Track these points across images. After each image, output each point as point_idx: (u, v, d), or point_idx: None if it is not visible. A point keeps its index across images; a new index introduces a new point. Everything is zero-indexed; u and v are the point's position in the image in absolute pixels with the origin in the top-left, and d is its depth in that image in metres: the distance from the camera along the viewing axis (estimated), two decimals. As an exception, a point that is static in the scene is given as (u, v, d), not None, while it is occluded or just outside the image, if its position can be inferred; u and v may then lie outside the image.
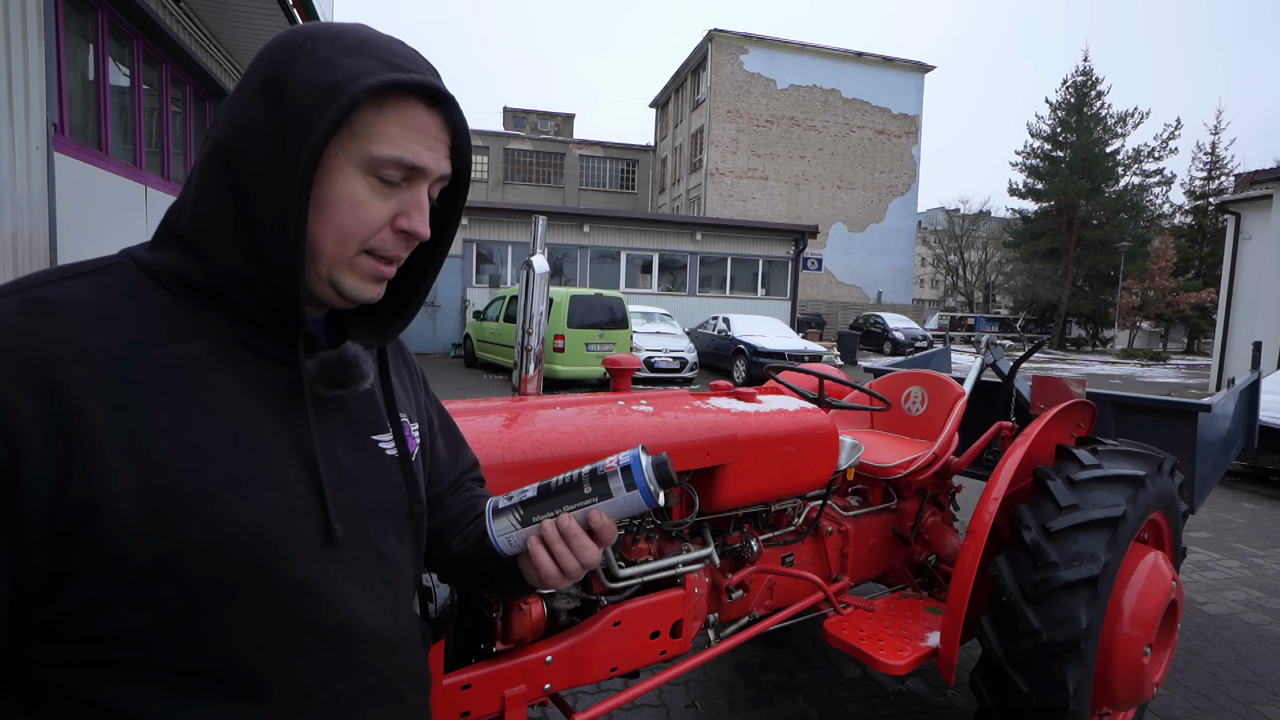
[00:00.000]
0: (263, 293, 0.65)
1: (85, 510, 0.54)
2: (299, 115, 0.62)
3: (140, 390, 0.58)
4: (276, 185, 0.62)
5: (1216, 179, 35.76)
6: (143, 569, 0.56)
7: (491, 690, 1.52)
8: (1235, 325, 14.66)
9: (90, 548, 0.55)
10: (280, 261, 0.63)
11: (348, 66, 0.64)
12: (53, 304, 0.58)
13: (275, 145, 0.63)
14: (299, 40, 0.66)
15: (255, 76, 0.65)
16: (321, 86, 0.63)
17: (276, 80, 0.64)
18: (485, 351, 13.99)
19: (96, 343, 0.58)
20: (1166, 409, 3.05)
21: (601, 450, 1.63)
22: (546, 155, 40.44)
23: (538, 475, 1.52)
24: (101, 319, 0.60)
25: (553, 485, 0.78)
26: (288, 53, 0.65)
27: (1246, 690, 3.09)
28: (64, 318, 0.58)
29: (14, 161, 3.35)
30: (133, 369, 0.59)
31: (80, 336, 0.58)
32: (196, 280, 0.64)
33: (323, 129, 0.62)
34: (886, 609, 2.59)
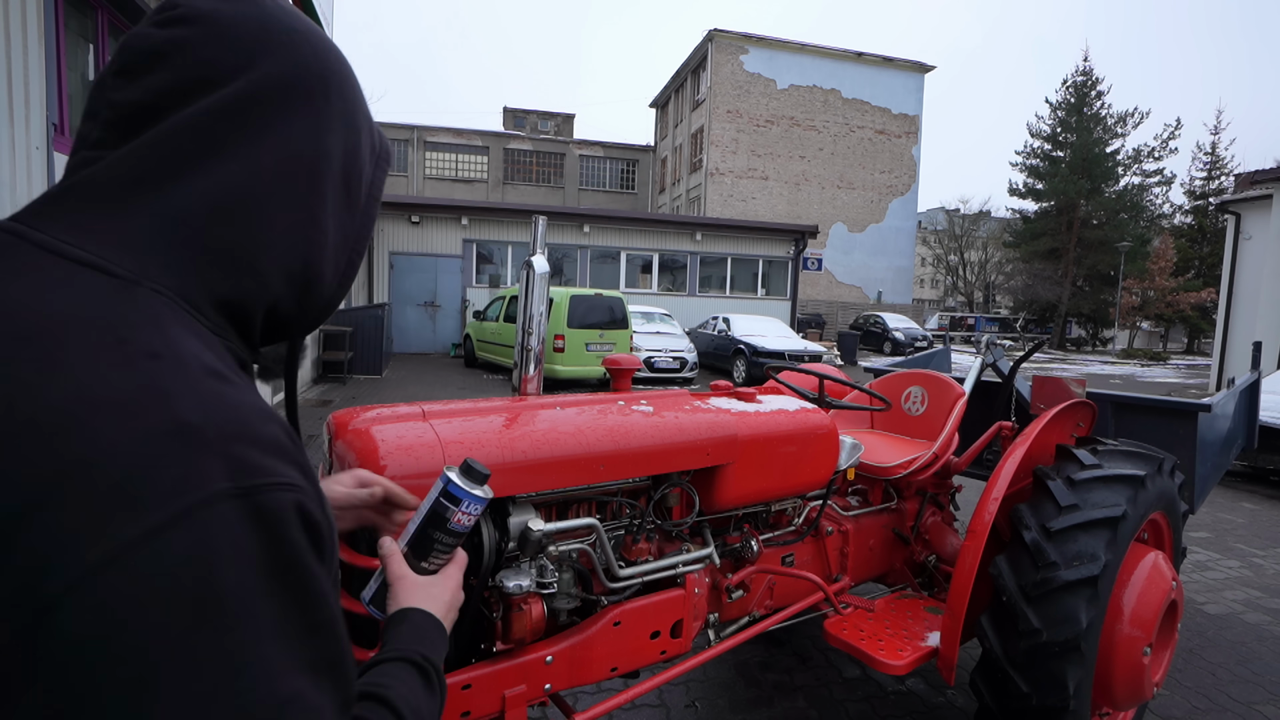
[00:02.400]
0: (285, 311, 0.67)
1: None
2: (363, 175, 0.69)
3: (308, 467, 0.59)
4: (346, 230, 0.69)
5: (1216, 179, 35.79)
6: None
7: (491, 690, 1.52)
8: (1235, 325, 14.66)
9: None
10: (332, 295, 0.69)
11: (374, 128, 0.71)
12: (229, 383, 0.53)
13: (344, 192, 0.67)
14: (349, 71, 0.67)
15: (332, 107, 0.64)
16: (372, 147, 0.70)
17: (349, 121, 0.66)
18: (485, 351, 13.99)
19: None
20: (1166, 409, 3.05)
21: (602, 451, 1.63)
22: (546, 155, 40.44)
23: (538, 475, 1.53)
24: (248, 389, 0.56)
25: (407, 550, 0.88)
26: (349, 86, 0.66)
27: (1246, 690, 3.09)
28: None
29: (14, 161, 3.35)
30: (296, 443, 0.58)
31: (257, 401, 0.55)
32: (231, 299, 0.61)
33: (380, 191, 0.71)
34: (886, 609, 2.59)
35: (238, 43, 0.57)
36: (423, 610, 0.80)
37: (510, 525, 1.55)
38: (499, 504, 1.59)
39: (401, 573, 0.85)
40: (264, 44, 0.58)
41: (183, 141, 0.54)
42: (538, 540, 1.54)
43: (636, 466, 1.71)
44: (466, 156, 39.22)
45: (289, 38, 0.60)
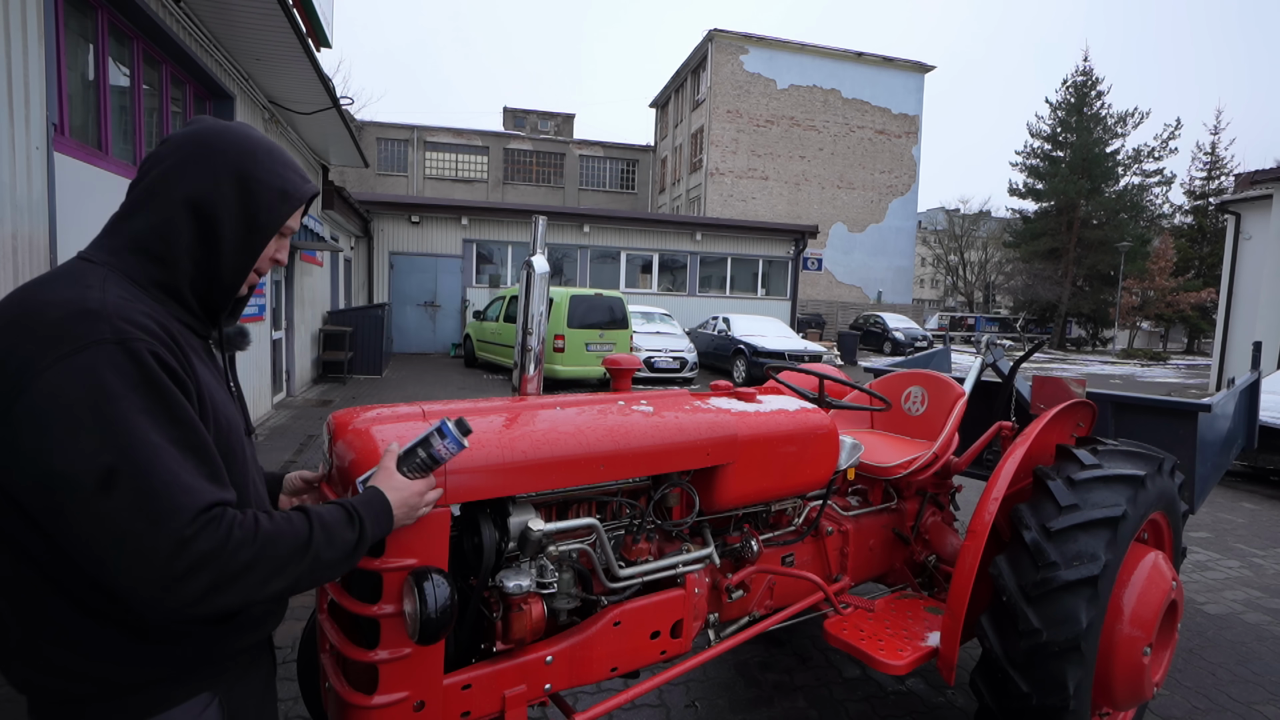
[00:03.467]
0: (199, 292, 1.05)
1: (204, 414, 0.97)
2: (267, 206, 1.07)
3: (186, 350, 0.97)
4: (241, 245, 1.05)
5: (1216, 179, 35.76)
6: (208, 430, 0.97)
7: (492, 690, 1.52)
8: (1235, 325, 14.66)
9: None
10: (229, 284, 1.07)
11: (287, 177, 1.10)
12: (135, 302, 0.94)
13: (242, 218, 1.04)
14: (250, 146, 1.06)
15: (223, 166, 1.03)
16: (279, 190, 1.08)
17: (243, 176, 1.04)
18: (485, 351, 13.99)
19: (165, 320, 0.96)
20: (1166, 409, 3.05)
21: (602, 451, 1.63)
22: (546, 155, 40.41)
23: (538, 475, 1.53)
24: (147, 308, 0.95)
25: (400, 455, 1.21)
26: (246, 154, 1.05)
27: (1246, 690, 3.09)
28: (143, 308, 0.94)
29: (14, 161, 3.34)
30: (175, 333, 0.96)
31: (157, 315, 0.95)
32: (164, 281, 1.01)
33: (278, 220, 1.09)
34: (886, 609, 2.59)
35: (174, 144, 1.04)
36: (380, 491, 1.14)
37: (510, 525, 1.55)
38: (499, 504, 1.59)
39: (386, 465, 1.19)
40: (187, 142, 1.04)
41: (141, 193, 1.02)
42: (538, 540, 1.54)
43: (636, 466, 1.71)
44: (466, 156, 39.19)
45: (203, 136, 1.04)
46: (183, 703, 0.98)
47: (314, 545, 0.95)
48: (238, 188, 1.03)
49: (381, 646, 1.33)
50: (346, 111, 9.06)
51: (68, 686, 0.92)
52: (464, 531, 1.58)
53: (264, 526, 0.90)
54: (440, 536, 1.38)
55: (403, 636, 1.33)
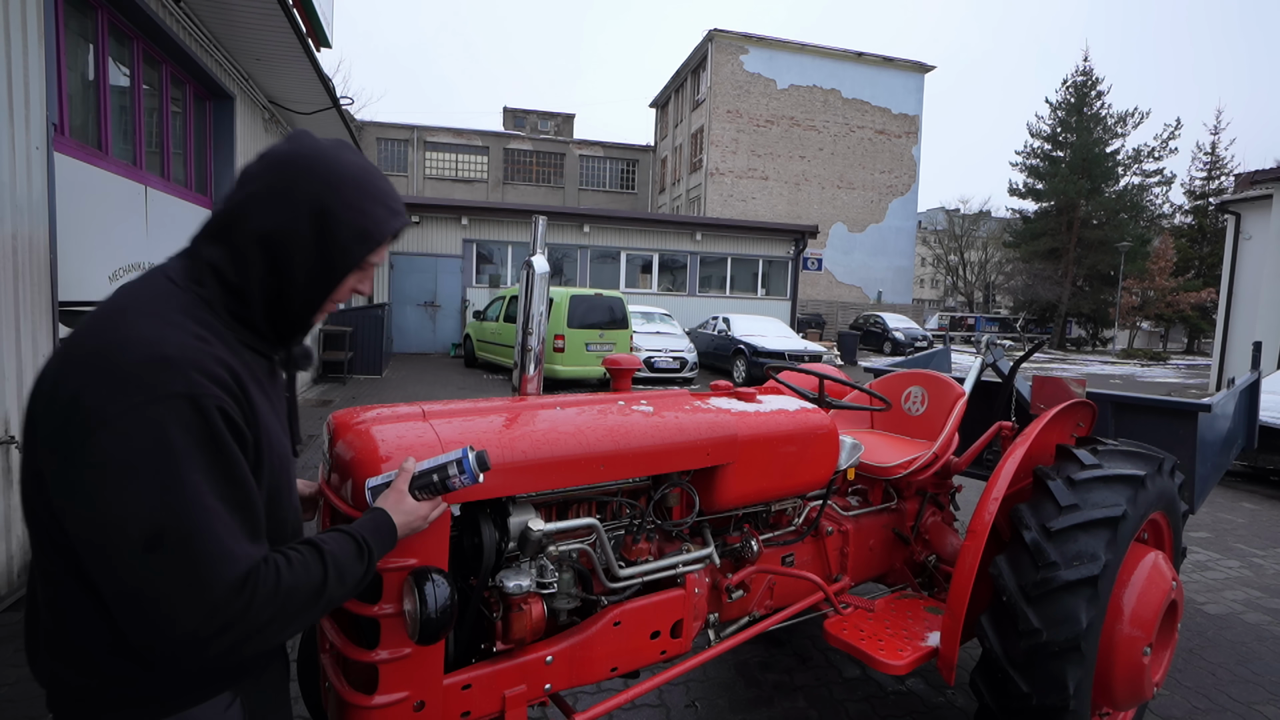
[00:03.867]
0: (271, 320, 1.04)
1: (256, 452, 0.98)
2: (341, 247, 1.04)
3: (250, 389, 0.97)
4: (313, 282, 1.04)
5: (1216, 179, 35.76)
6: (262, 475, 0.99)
7: (492, 690, 1.52)
8: (1235, 325, 14.65)
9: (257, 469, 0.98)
10: (300, 316, 1.07)
11: (372, 214, 1.05)
12: (210, 346, 0.93)
13: (316, 256, 1.02)
14: (336, 180, 1.02)
15: (302, 200, 1.00)
16: (358, 230, 1.04)
17: (322, 211, 1.01)
18: (485, 351, 13.99)
19: (233, 361, 0.96)
20: (1166, 409, 3.05)
21: (602, 451, 1.63)
22: (546, 155, 40.41)
23: (538, 475, 1.53)
24: (225, 344, 0.96)
25: (414, 476, 1.21)
26: (330, 189, 1.02)
27: (1246, 690, 3.09)
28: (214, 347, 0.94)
29: (14, 161, 3.34)
30: (242, 376, 0.96)
31: (227, 359, 0.95)
32: (237, 310, 1.01)
33: (355, 259, 1.06)
34: (886, 609, 2.59)
35: (266, 164, 1.02)
36: (386, 513, 1.13)
37: (510, 525, 1.55)
38: (499, 504, 1.59)
39: (399, 486, 1.18)
40: (278, 164, 1.02)
41: (226, 216, 1.02)
42: (538, 540, 1.54)
43: (636, 466, 1.71)
44: (466, 156, 39.19)
45: (294, 159, 1.02)
46: (205, 702, 0.99)
47: (328, 587, 0.96)
48: (315, 225, 1.01)
49: (381, 646, 1.33)
50: (346, 111, 9.06)
51: (91, 683, 0.93)
52: (464, 531, 1.58)
53: (284, 581, 0.90)
54: (440, 536, 1.38)
55: (403, 636, 1.33)
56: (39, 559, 0.94)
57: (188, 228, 5.98)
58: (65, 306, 3.83)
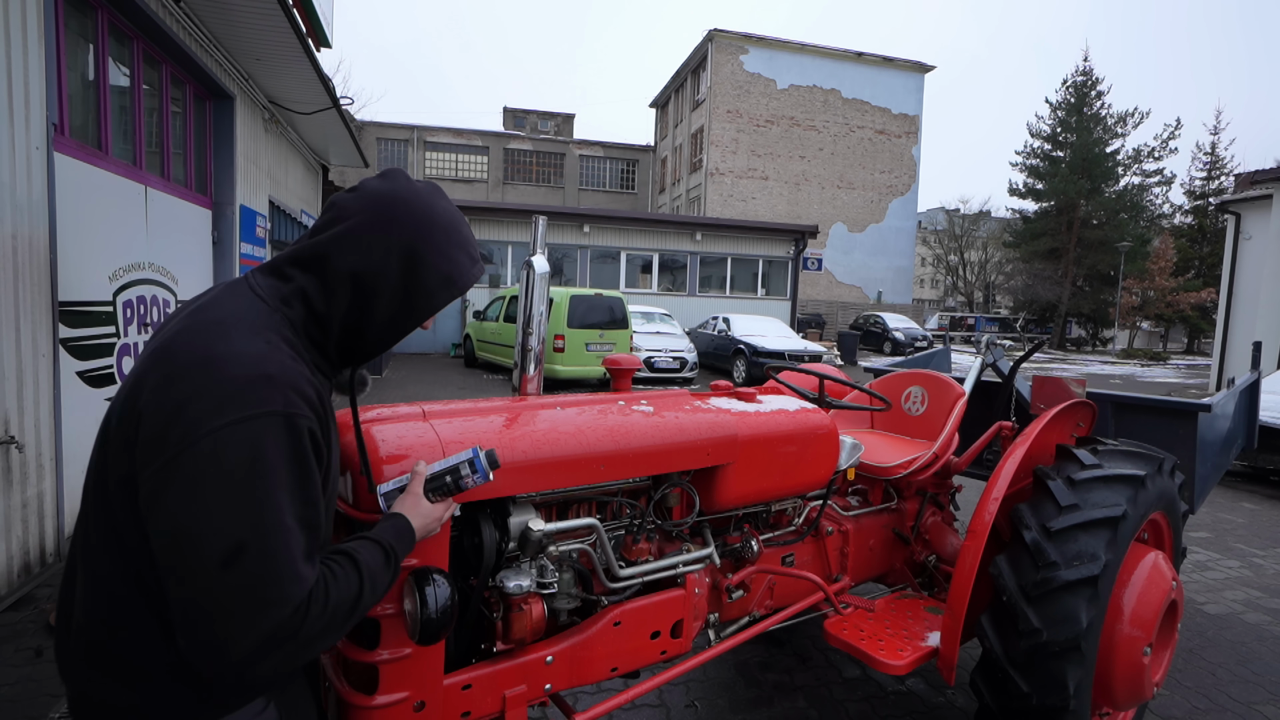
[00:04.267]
0: (343, 348, 1.08)
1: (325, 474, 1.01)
2: (427, 291, 1.08)
3: (328, 410, 1.03)
4: (393, 321, 1.08)
5: (1216, 179, 35.76)
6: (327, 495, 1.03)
7: (492, 690, 1.52)
8: (1235, 325, 14.65)
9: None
10: (371, 350, 1.10)
11: (459, 262, 1.11)
12: (300, 366, 0.97)
13: (400, 297, 1.06)
14: (429, 226, 1.07)
15: (396, 243, 1.04)
16: (444, 276, 1.09)
17: (413, 255, 1.05)
18: (485, 351, 13.98)
19: (316, 382, 1.00)
20: (1166, 409, 3.05)
21: (603, 451, 1.63)
22: (546, 155, 40.41)
23: (539, 475, 1.53)
24: (308, 371, 0.99)
25: (427, 478, 1.23)
26: (423, 234, 1.06)
27: (1246, 690, 3.09)
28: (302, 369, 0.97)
29: (14, 161, 3.34)
30: (324, 397, 1.02)
31: (314, 380, 0.99)
32: (318, 340, 1.05)
33: (438, 305, 1.11)
34: (886, 609, 2.59)
35: (362, 200, 1.05)
36: (405, 518, 1.15)
37: (510, 525, 1.55)
38: (499, 504, 1.59)
39: (415, 490, 1.20)
40: (374, 201, 1.05)
41: (320, 248, 1.04)
42: (538, 540, 1.54)
43: (637, 466, 1.71)
44: (466, 156, 39.20)
45: (390, 199, 1.05)
46: (241, 709, 1.00)
47: (363, 598, 0.98)
48: (404, 267, 1.05)
49: (382, 647, 1.33)
50: (346, 111, 9.06)
51: (135, 699, 0.93)
52: (464, 531, 1.58)
53: (333, 597, 0.91)
54: (440, 537, 1.38)
55: (403, 637, 1.33)
56: (96, 568, 0.94)
57: (188, 227, 6.00)
58: (65, 306, 3.83)
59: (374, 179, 1.08)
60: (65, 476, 3.76)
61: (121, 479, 0.90)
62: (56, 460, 3.71)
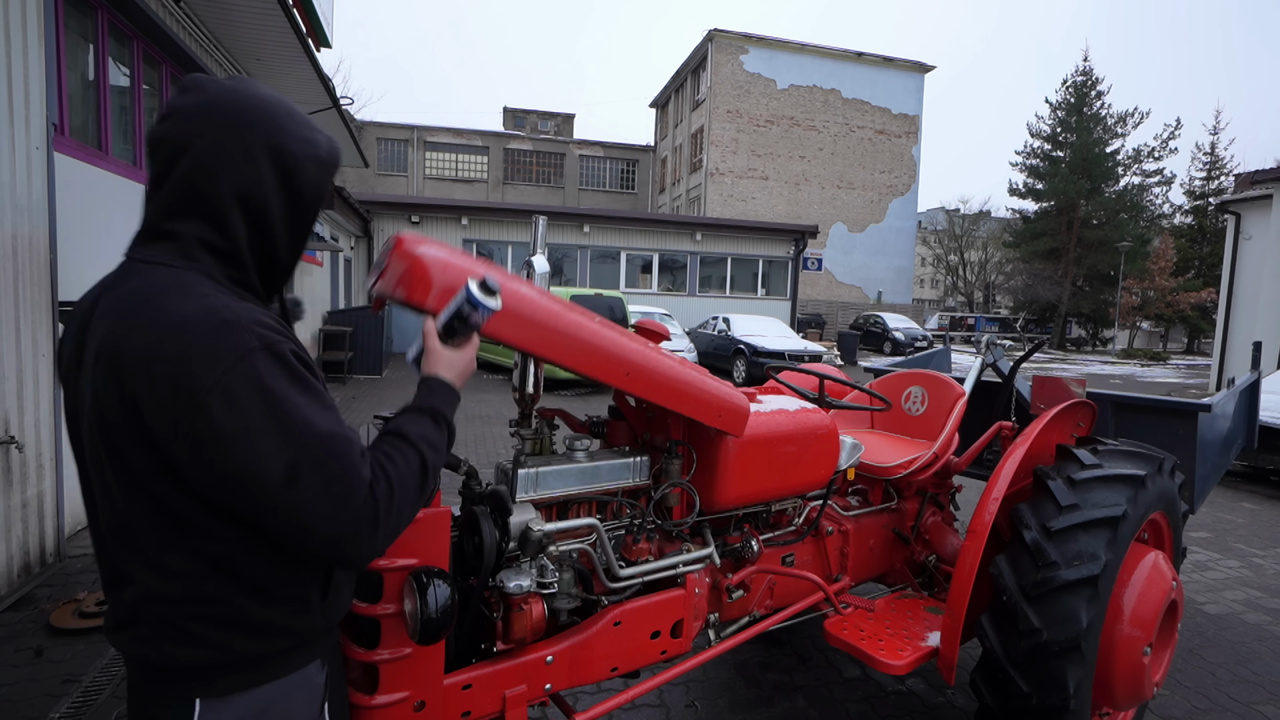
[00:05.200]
0: (264, 278, 1.05)
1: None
2: (309, 181, 1.04)
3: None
4: (293, 226, 1.05)
5: (1216, 179, 35.76)
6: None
7: (492, 690, 1.52)
8: (1235, 325, 14.65)
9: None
10: (287, 264, 1.07)
11: (318, 142, 1.05)
12: (247, 303, 0.97)
13: (288, 199, 1.02)
14: (272, 117, 1.00)
15: (261, 149, 0.98)
16: (314, 159, 1.04)
17: (276, 151, 0.99)
18: (485, 351, 13.96)
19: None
20: (1166, 409, 3.05)
21: (631, 360, 1.59)
22: (546, 155, 40.41)
23: (571, 350, 1.48)
24: (256, 304, 0.99)
25: (441, 330, 1.20)
26: (273, 128, 0.99)
27: (1246, 690, 3.09)
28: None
29: (14, 161, 3.34)
30: (290, 330, 1.02)
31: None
32: (240, 278, 1.01)
33: (325, 191, 1.07)
34: (887, 609, 2.59)
35: (187, 123, 0.96)
36: (439, 377, 1.16)
37: (511, 525, 1.55)
38: (499, 504, 1.59)
39: (433, 346, 1.19)
40: (202, 119, 0.96)
41: (182, 194, 0.97)
42: (538, 540, 1.54)
43: (658, 390, 1.64)
44: (466, 156, 39.19)
45: (217, 109, 0.97)
46: (304, 667, 1.04)
47: (428, 463, 1.05)
48: (276, 168, 0.99)
49: (382, 646, 1.33)
50: (346, 111, 9.06)
51: (204, 654, 0.96)
52: (464, 531, 1.58)
53: (393, 473, 0.98)
54: (441, 536, 1.38)
55: (403, 636, 1.33)
56: (155, 558, 0.95)
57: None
58: (65, 306, 3.83)
59: (180, 98, 0.98)
60: (65, 476, 3.76)
61: (156, 468, 0.91)
62: (56, 460, 3.71)
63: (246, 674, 0.99)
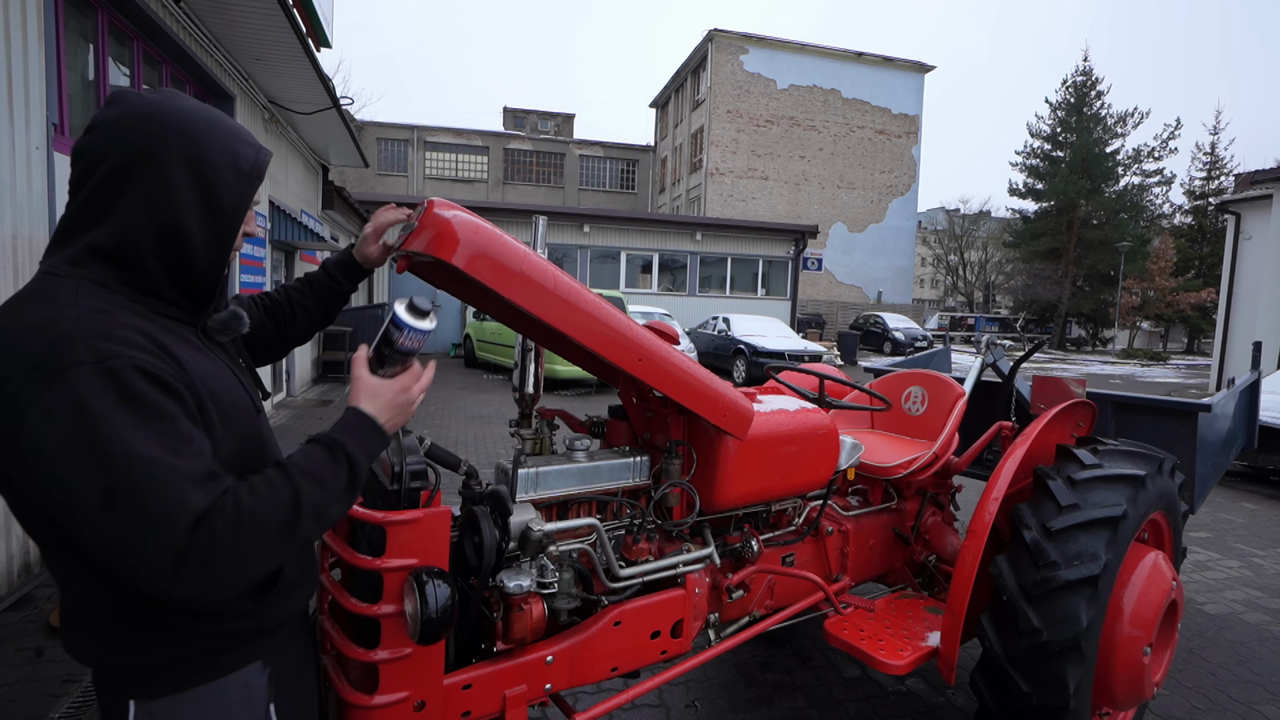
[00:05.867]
0: (182, 287, 1.02)
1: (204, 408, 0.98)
2: (225, 190, 1.01)
3: (174, 349, 0.97)
4: (211, 237, 1.01)
5: (1216, 179, 35.76)
6: (217, 425, 1.00)
7: (492, 690, 1.52)
8: (1235, 325, 14.65)
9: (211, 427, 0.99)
10: (208, 277, 1.04)
11: (241, 152, 1.03)
12: (111, 315, 0.92)
13: (204, 211, 0.99)
14: (189, 126, 0.99)
15: (167, 156, 0.96)
16: (235, 170, 1.02)
17: (194, 162, 0.98)
18: (485, 351, 13.98)
19: (147, 327, 0.96)
20: (1166, 409, 3.05)
21: (643, 347, 1.58)
22: (546, 155, 40.41)
23: (586, 326, 1.45)
24: (134, 315, 0.95)
25: (371, 357, 1.13)
26: (189, 138, 0.98)
27: (1246, 690, 3.09)
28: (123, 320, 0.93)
29: (14, 161, 3.34)
30: (160, 338, 0.96)
31: (137, 324, 0.95)
32: (138, 284, 0.98)
33: (245, 200, 1.05)
34: (887, 609, 2.59)
35: (107, 135, 0.96)
36: (356, 408, 1.08)
37: (511, 525, 1.55)
38: (499, 504, 1.59)
39: (358, 374, 1.12)
40: (121, 131, 0.96)
41: (90, 203, 0.96)
42: (538, 540, 1.54)
43: (667, 380, 1.64)
44: (466, 156, 39.20)
45: (137, 121, 0.96)
46: (239, 669, 1.04)
47: (303, 497, 0.95)
48: (191, 178, 0.98)
49: (382, 646, 1.33)
50: (346, 111, 9.06)
51: (128, 658, 0.98)
52: (464, 531, 1.58)
53: (246, 506, 0.90)
54: (441, 536, 1.38)
55: (403, 636, 1.33)
56: (46, 557, 0.99)
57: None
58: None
59: (103, 111, 0.99)
60: (65, 476, 3.76)
61: (12, 485, 0.93)
62: (56, 460, 3.71)
63: (174, 676, 0.99)
